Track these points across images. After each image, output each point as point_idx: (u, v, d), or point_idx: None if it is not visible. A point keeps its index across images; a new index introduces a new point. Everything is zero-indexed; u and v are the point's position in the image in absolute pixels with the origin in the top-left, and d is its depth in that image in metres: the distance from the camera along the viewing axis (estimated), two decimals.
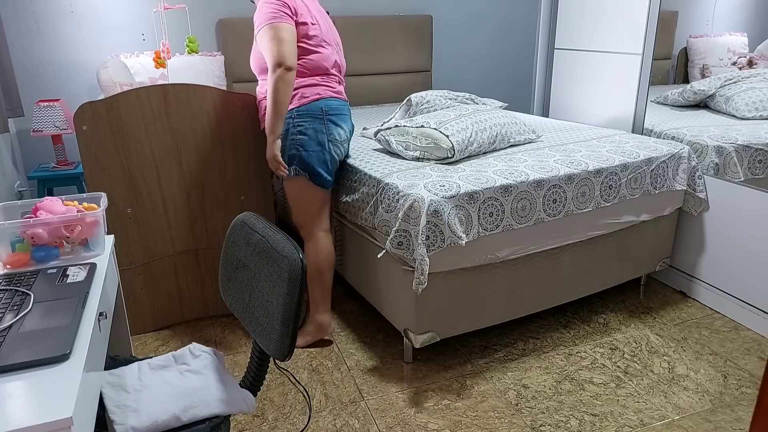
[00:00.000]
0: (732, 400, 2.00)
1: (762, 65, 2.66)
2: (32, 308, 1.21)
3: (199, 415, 1.24)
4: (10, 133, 3.18)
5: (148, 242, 2.37)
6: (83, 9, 3.23)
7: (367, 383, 2.13)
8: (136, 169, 2.26)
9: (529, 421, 1.91)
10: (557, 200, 2.17)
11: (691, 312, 2.59)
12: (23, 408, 0.92)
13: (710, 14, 2.86)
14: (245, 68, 3.53)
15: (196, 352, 1.43)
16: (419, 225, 1.89)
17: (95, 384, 1.19)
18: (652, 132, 2.82)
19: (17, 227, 1.43)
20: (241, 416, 1.95)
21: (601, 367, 2.20)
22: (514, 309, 2.29)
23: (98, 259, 1.48)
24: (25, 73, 3.22)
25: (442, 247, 1.95)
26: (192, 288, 2.51)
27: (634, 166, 2.35)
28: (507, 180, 2.08)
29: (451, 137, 2.26)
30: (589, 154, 2.36)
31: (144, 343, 2.40)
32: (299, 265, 1.18)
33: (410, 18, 3.80)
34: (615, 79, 2.99)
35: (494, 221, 2.06)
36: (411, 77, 3.92)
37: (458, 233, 1.96)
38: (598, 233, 2.35)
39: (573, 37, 3.27)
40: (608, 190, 2.30)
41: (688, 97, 2.85)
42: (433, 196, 1.93)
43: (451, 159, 2.29)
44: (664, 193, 2.49)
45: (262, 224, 1.34)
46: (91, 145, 2.17)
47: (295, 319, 1.20)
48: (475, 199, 2.00)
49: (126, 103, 2.18)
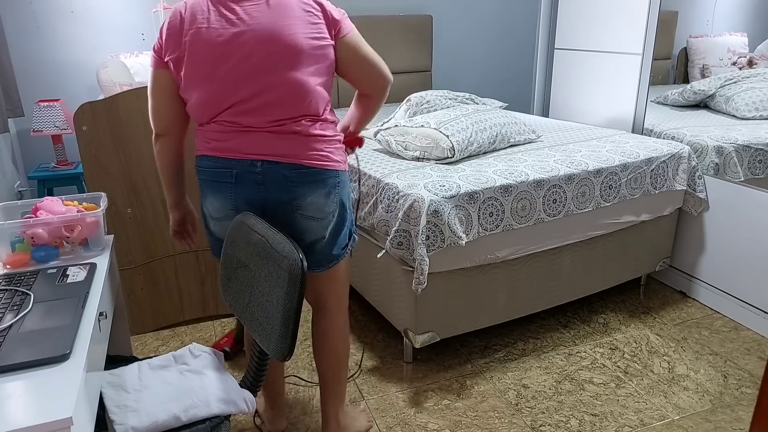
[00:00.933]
0: (732, 400, 2.00)
1: (762, 65, 2.66)
2: (32, 308, 1.21)
3: (199, 415, 1.24)
4: (10, 133, 3.18)
5: (148, 242, 2.37)
6: (83, 9, 3.23)
7: (367, 383, 2.13)
8: (135, 168, 2.26)
9: (529, 421, 1.91)
10: (557, 200, 2.17)
11: (691, 312, 2.59)
12: (23, 408, 0.92)
13: (710, 14, 2.86)
14: None
15: (196, 352, 1.43)
16: (419, 225, 1.89)
17: (95, 384, 1.19)
18: (652, 132, 2.82)
19: (17, 227, 1.43)
20: (241, 416, 1.95)
21: (601, 367, 2.20)
22: (513, 309, 2.29)
23: (98, 259, 1.48)
24: (25, 73, 3.21)
25: (442, 247, 1.95)
26: (192, 288, 2.51)
27: (634, 166, 2.35)
28: (507, 180, 2.08)
29: (451, 137, 2.26)
30: (589, 154, 2.36)
31: (144, 343, 2.40)
32: (299, 265, 1.18)
33: (410, 18, 3.80)
34: (615, 79, 2.99)
35: (494, 221, 2.06)
36: (411, 77, 3.92)
37: (458, 233, 1.96)
38: (598, 233, 2.35)
39: (573, 37, 3.27)
40: (608, 190, 2.29)
41: (688, 97, 2.85)
42: (433, 196, 1.93)
43: (451, 159, 2.28)
44: (664, 193, 2.49)
45: (262, 224, 1.34)
46: (90, 145, 2.17)
47: (295, 319, 1.20)
48: (475, 199, 2.00)
49: (125, 103, 2.18)
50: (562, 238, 2.26)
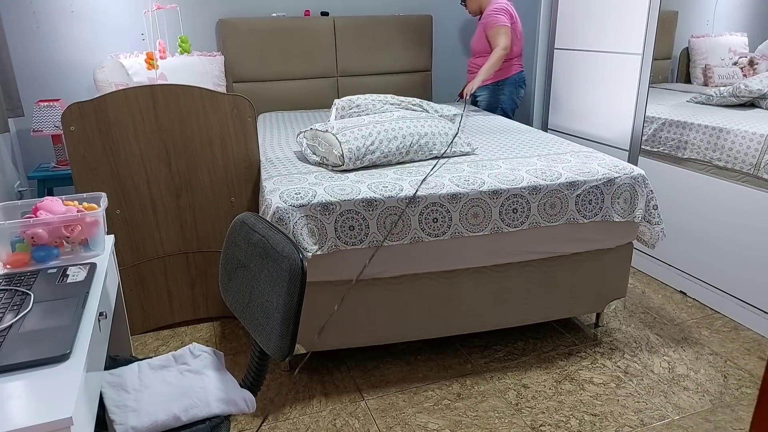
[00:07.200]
0: (732, 400, 2.00)
1: (763, 65, 2.65)
2: (32, 308, 1.21)
3: (199, 415, 1.24)
4: (10, 133, 3.18)
5: (137, 244, 2.36)
6: (83, 9, 3.23)
7: (367, 383, 2.13)
8: (124, 170, 2.25)
9: (529, 421, 1.91)
10: (438, 219, 1.99)
11: (691, 312, 2.59)
12: (23, 408, 0.92)
13: (710, 14, 2.86)
14: (246, 68, 3.53)
15: (196, 352, 1.43)
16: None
17: (95, 384, 1.19)
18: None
19: (17, 227, 1.43)
20: (241, 416, 1.94)
21: (601, 367, 2.20)
22: (397, 331, 2.14)
23: (98, 259, 1.48)
24: (25, 73, 3.21)
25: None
26: (182, 290, 2.50)
27: (548, 189, 2.08)
28: (374, 194, 1.94)
29: (344, 144, 2.15)
30: (504, 173, 2.13)
31: (144, 343, 2.40)
32: (299, 265, 1.18)
33: (410, 18, 3.80)
34: (615, 79, 2.99)
35: (356, 236, 1.94)
36: (411, 77, 3.92)
37: (305, 244, 1.88)
38: (503, 261, 2.13)
39: (573, 37, 3.27)
40: (512, 213, 2.06)
41: (741, 96, 2.63)
42: (281, 203, 1.88)
43: (342, 167, 2.17)
44: (596, 223, 2.18)
45: (262, 224, 1.34)
46: (79, 145, 2.16)
47: (295, 319, 1.20)
48: (331, 211, 1.90)
49: (114, 103, 2.16)
50: (457, 262, 2.08)
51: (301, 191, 1.94)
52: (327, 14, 3.72)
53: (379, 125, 2.27)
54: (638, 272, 2.99)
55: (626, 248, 2.31)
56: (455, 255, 2.07)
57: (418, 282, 2.10)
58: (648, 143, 2.89)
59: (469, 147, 2.41)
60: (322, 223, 1.90)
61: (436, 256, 2.06)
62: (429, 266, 2.07)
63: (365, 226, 1.94)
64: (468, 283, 2.15)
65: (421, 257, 2.04)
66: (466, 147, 2.40)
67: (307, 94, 3.71)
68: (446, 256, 2.06)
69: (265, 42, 3.53)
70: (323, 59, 3.67)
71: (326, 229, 1.91)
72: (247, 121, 2.34)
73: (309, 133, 2.39)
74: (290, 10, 3.68)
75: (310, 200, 1.90)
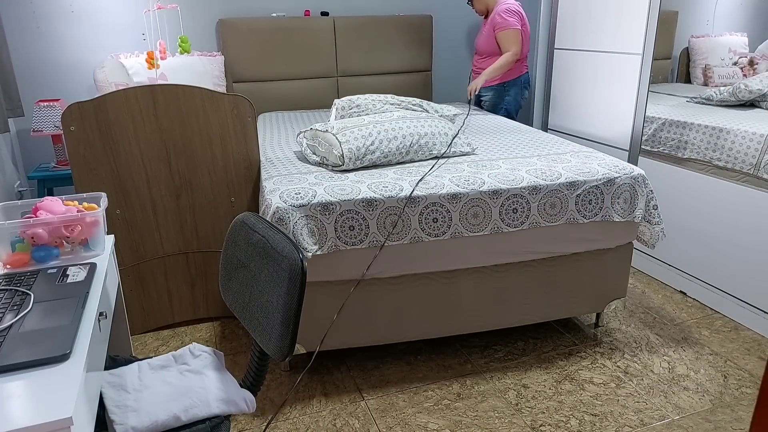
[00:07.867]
0: (732, 400, 2.00)
1: (763, 65, 2.65)
2: (32, 308, 1.21)
3: (199, 415, 1.24)
4: (10, 133, 3.18)
5: (137, 244, 2.36)
6: (83, 9, 3.23)
7: (367, 383, 2.13)
8: (124, 169, 2.25)
9: (529, 421, 1.91)
10: (438, 219, 1.99)
11: (691, 312, 2.59)
12: (23, 408, 0.92)
13: (710, 14, 2.86)
14: (246, 68, 3.53)
15: (196, 352, 1.43)
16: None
17: (95, 384, 1.19)
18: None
19: (17, 227, 1.43)
20: (241, 416, 1.94)
21: (601, 367, 2.20)
22: (399, 331, 2.14)
23: (98, 259, 1.48)
24: (25, 73, 3.21)
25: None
26: (182, 290, 2.50)
27: (548, 189, 2.08)
28: (374, 194, 1.94)
29: (344, 144, 2.14)
30: (504, 173, 2.13)
31: (144, 343, 2.40)
32: (299, 265, 1.18)
33: (410, 18, 3.80)
34: (615, 79, 2.99)
35: (356, 236, 1.94)
36: (411, 77, 3.92)
37: (305, 244, 1.87)
38: (501, 261, 2.13)
39: (573, 37, 3.27)
40: (512, 213, 2.06)
41: (742, 96, 2.64)
42: (281, 203, 1.88)
43: (342, 167, 2.16)
44: (596, 223, 2.18)
45: (262, 224, 1.34)
46: (79, 145, 2.15)
47: (295, 319, 1.20)
48: (331, 211, 1.90)
49: (114, 103, 2.16)
50: (457, 262, 2.08)
51: (301, 191, 1.94)
52: (327, 14, 3.72)
53: (379, 125, 2.26)
54: (638, 272, 2.99)
55: (626, 248, 2.31)
56: (455, 255, 2.07)
57: (418, 282, 2.10)
58: (648, 143, 2.89)
59: (469, 147, 2.41)
60: (322, 223, 1.90)
61: (436, 256, 2.05)
62: (429, 266, 2.07)
63: (365, 226, 1.94)
64: (468, 283, 2.15)
65: (421, 257, 2.04)
66: (466, 147, 2.40)
67: (307, 94, 3.71)
68: (446, 256, 2.06)
69: (265, 42, 3.53)
70: (323, 59, 3.67)
71: (326, 229, 1.91)
72: (247, 121, 2.34)
73: (309, 133, 2.38)
74: (290, 10, 3.68)
75: (310, 200, 1.89)
